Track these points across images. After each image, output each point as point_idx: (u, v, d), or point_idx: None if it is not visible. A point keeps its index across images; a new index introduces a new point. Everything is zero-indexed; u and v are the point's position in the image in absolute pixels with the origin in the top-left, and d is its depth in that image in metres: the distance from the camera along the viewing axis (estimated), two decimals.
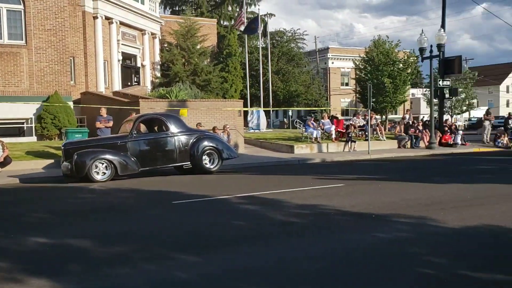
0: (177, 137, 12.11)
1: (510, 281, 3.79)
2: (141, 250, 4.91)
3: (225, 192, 8.75)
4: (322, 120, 21.26)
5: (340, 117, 29.45)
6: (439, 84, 20.86)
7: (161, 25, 30.83)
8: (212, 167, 12.43)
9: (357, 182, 10.01)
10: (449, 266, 4.20)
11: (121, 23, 26.05)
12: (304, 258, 4.50)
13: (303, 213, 6.68)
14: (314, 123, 20.57)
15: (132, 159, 11.48)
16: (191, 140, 12.25)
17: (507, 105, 66.97)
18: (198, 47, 31.46)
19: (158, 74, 30.43)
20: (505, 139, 20.47)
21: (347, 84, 52.46)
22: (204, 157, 12.31)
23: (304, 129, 20.47)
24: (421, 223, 5.84)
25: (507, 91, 70.11)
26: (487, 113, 24.06)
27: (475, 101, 46.14)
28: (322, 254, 4.64)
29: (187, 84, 25.86)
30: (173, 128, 12.14)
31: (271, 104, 34.46)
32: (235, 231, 5.72)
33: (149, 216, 6.90)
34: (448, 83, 21.31)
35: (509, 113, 24.38)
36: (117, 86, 25.72)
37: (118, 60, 26.11)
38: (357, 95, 39.09)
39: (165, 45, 32.10)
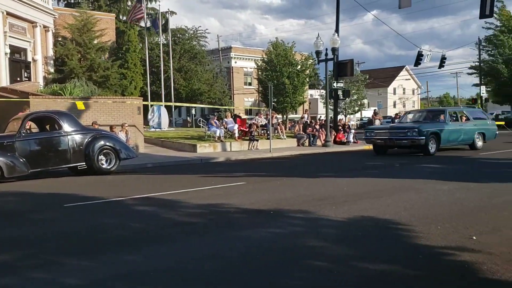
0: (71, 136, 11.47)
1: (392, 270, 4.09)
2: (28, 258, 4.57)
3: (122, 193, 8.45)
4: (225, 119, 21.43)
5: (243, 116, 29.89)
6: (334, 86, 22.03)
7: (55, 18, 28.94)
8: (109, 167, 11.96)
9: (257, 180, 10.22)
10: (339, 257, 4.44)
11: (8, 14, 24.00)
12: (203, 257, 4.49)
13: (203, 213, 6.67)
14: (217, 122, 20.66)
15: (21, 160, 10.67)
16: (86, 140, 11.67)
17: (394, 105, 72.67)
18: (95, 42, 30.01)
19: (52, 70, 28.54)
20: None
21: (250, 84, 53.38)
22: (100, 157, 11.81)
23: (207, 128, 20.48)
24: (315, 217, 6.11)
25: (394, 93, 76.10)
26: (375, 113, 25.94)
27: (366, 102, 49.41)
28: (221, 252, 4.66)
29: (83, 80, 24.53)
30: (66, 127, 11.47)
31: (173, 101, 33.94)
32: (132, 233, 5.55)
33: (37, 221, 6.44)
34: (342, 84, 22.59)
35: (396, 114, 26.49)
36: (5, 81, 23.66)
37: (6, 54, 24.03)
38: (260, 95, 39.92)
39: (60, 39, 30.21)
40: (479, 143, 17.15)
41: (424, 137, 14.95)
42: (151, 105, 28.04)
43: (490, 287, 3.63)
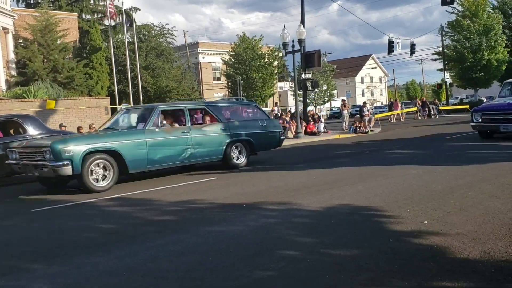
0: None
1: (364, 254, 4.16)
2: None
3: (92, 195, 8.31)
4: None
5: None
6: (302, 77, 22.17)
7: (14, 19, 28.09)
8: None
9: (230, 175, 10.20)
10: (313, 245, 4.49)
11: None
12: (176, 254, 4.47)
13: (176, 210, 6.63)
14: None
15: None
16: None
17: (362, 94, 73.72)
18: (58, 42, 29.31)
19: (14, 73, 27.73)
20: (361, 125, 22.49)
21: (219, 79, 53.16)
22: None
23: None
24: (288, 208, 6.16)
25: (362, 82, 77.19)
26: (343, 103, 26.25)
27: (335, 92, 49.97)
28: (194, 247, 4.65)
29: (48, 82, 23.97)
30: (31, 131, 11.17)
31: (141, 100, 33.49)
32: (105, 235, 5.46)
33: (2, 227, 6.27)
34: (310, 76, 22.75)
35: (364, 102, 26.86)
36: None
37: None
38: (229, 89, 39.85)
39: (20, 41, 29.36)
40: (241, 159, 11.27)
41: (66, 162, 8.30)
42: (120, 105, 27.61)
43: (459, 265, 3.74)
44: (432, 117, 32.98)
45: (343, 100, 28.36)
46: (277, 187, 7.94)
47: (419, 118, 32.64)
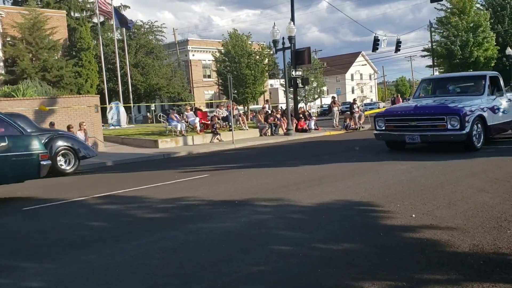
0: None
1: (354, 248, 4.20)
2: None
3: (83, 193, 8.28)
4: (185, 113, 21.24)
5: (204, 109, 29.72)
6: (292, 74, 22.20)
7: (2, 17, 27.81)
8: (68, 168, 11.68)
9: (221, 172, 10.21)
10: (304, 240, 4.52)
11: None
12: (168, 251, 4.47)
13: (167, 207, 6.62)
14: (177, 116, 20.47)
15: None
16: (43, 141, 11.31)
17: (352, 91, 74.00)
18: (47, 41, 29.07)
19: (2, 71, 27.45)
20: (351, 122, 22.58)
21: (209, 76, 53.02)
22: (58, 158, 11.52)
23: (167, 122, 20.24)
24: (280, 204, 6.19)
25: (352, 79, 77.44)
26: (333, 100, 26.34)
27: (325, 89, 50.10)
28: (186, 244, 4.66)
29: (36, 81, 23.76)
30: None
31: (131, 98, 33.36)
32: (95, 233, 5.45)
33: None
34: (300, 73, 22.79)
35: (354, 99, 26.98)
36: None
37: None
38: (220, 87, 39.76)
39: (8, 40, 29.07)
40: None
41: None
42: (109, 103, 27.48)
43: (448, 258, 3.78)
44: None
45: (333, 97, 28.46)
46: (268, 183, 7.96)
47: None
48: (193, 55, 53.94)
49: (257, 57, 34.17)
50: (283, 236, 4.71)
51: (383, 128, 11.18)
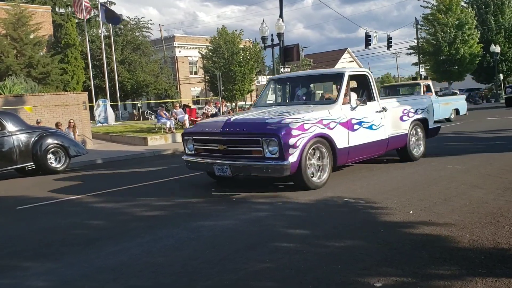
0: (16, 136, 10.97)
1: (356, 244, 4.26)
2: None
3: (77, 192, 8.22)
4: (174, 110, 21.15)
5: (192, 105, 29.63)
6: (281, 71, 22.22)
7: None
8: (58, 166, 11.57)
9: None
10: (305, 237, 4.56)
11: None
12: (171, 249, 4.48)
13: (165, 205, 6.61)
14: (166, 113, 20.38)
15: None
16: (33, 139, 11.21)
17: None
18: (32, 36, 28.65)
19: None
20: None
21: (196, 73, 52.82)
22: (49, 156, 11.40)
23: (156, 120, 20.15)
24: (277, 200, 6.23)
25: None
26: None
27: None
28: (189, 241, 4.67)
29: (22, 77, 23.45)
30: (10, 127, 10.95)
31: (118, 95, 33.11)
32: (96, 231, 5.43)
33: None
34: (289, 69, 22.82)
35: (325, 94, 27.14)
36: None
37: None
38: (207, 83, 39.65)
39: None
40: None
41: None
42: (96, 100, 27.24)
43: (449, 253, 3.86)
44: None
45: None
46: (264, 181, 7.98)
47: None
48: (180, 51, 53.65)
49: (247, 53, 34.14)
50: (285, 233, 4.75)
51: (193, 152, 7.62)
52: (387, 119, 8.31)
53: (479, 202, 5.40)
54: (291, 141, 6.36)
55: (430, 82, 19.37)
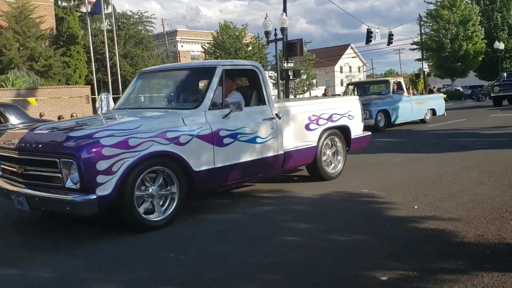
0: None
1: (362, 239, 4.26)
2: None
3: None
4: None
5: None
6: (284, 66, 22.21)
7: None
8: None
9: None
10: (310, 232, 4.57)
11: None
12: (178, 241, 4.48)
13: None
14: None
15: None
16: None
17: (341, 84, 74.16)
18: (34, 30, 28.61)
19: None
20: None
21: None
22: None
23: None
24: (281, 195, 6.22)
25: (341, 71, 77.60)
26: (325, 92, 26.47)
27: (314, 81, 50.19)
28: (193, 235, 4.67)
29: (24, 70, 23.45)
30: (13, 119, 10.93)
31: (120, 89, 33.06)
32: (100, 224, 5.43)
33: None
34: (292, 65, 22.80)
35: (343, 92, 27.12)
36: None
37: None
38: None
39: None
40: None
41: None
42: (99, 94, 27.21)
43: (455, 248, 3.86)
44: None
45: (325, 89, 28.56)
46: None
47: None
48: (182, 46, 53.58)
49: (250, 48, 34.10)
50: (289, 227, 4.75)
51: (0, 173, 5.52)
52: (285, 128, 6.23)
53: (484, 198, 5.39)
54: (101, 164, 4.36)
55: (401, 79, 17.76)
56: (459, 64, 38.47)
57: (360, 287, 3.27)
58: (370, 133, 8.28)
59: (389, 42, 31.17)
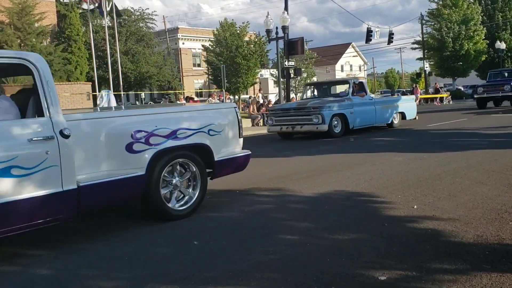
0: None
1: (361, 238, 4.27)
2: None
3: None
4: (178, 102, 21.17)
5: (195, 98, 29.61)
6: (285, 64, 22.19)
7: None
8: None
9: None
10: (309, 230, 4.57)
11: None
12: (177, 239, 4.50)
13: None
14: None
15: None
16: None
17: None
18: (36, 26, 28.59)
19: None
20: None
21: (199, 65, 52.72)
22: None
23: None
24: (281, 194, 6.24)
25: (342, 70, 77.57)
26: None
27: (315, 79, 50.11)
28: (193, 232, 4.68)
29: None
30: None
31: (121, 86, 33.05)
32: (98, 223, 5.44)
33: None
34: (293, 63, 22.78)
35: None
36: None
37: None
38: (210, 76, 39.57)
39: None
40: None
41: None
42: (100, 91, 27.24)
43: (454, 248, 3.86)
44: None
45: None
46: (267, 173, 8.00)
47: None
48: (183, 43, 53.55)
49: (252, 46, 34.02)
50: (288, 226, 4.76)
51: None
52: (82, 150, 4.48)
53: (484, 198, 5.39)
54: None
55: (363, 80, 16.03)
56: (461, 63, 38.43)
57: (359, 286, 3.27)
58: (249, 151, 6.29)
59: (390, 41, 31.14)
